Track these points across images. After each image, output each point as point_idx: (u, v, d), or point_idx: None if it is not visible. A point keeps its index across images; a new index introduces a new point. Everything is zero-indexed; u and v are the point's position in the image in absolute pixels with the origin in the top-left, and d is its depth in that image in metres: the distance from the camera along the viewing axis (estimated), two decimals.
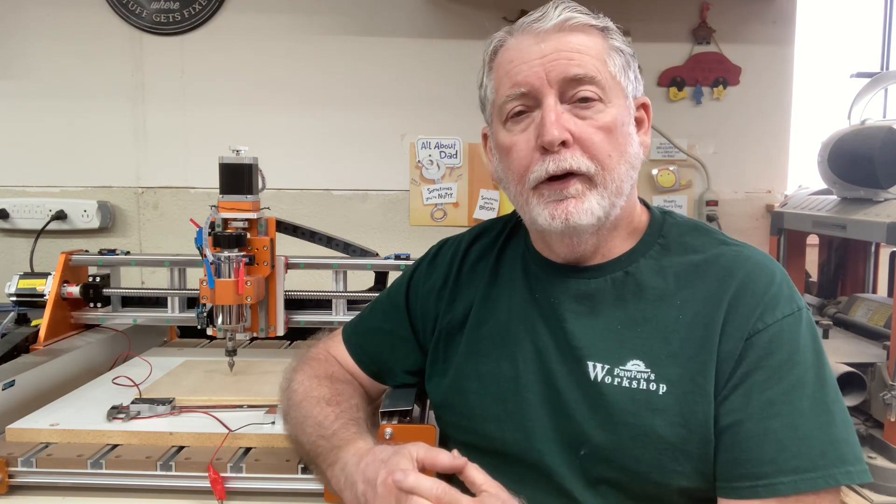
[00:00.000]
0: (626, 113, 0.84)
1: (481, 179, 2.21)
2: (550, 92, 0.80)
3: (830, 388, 0.76)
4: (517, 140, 0.83)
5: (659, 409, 0.77)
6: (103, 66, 2.14)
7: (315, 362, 1.03)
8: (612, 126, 0.81)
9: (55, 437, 1.06)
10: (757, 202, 2.26)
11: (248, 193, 1.28)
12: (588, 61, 0.80)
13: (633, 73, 0.85)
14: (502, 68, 0.85)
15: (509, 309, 0.91)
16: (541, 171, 0.80)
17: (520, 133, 0.83)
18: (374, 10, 2.15)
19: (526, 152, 0.82)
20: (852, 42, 2.40)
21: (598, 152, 0.80)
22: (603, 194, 0.81)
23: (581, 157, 0.80)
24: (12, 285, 1.49)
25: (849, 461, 0.73)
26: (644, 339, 0.81)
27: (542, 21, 0.82)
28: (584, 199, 0.80)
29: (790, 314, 0.77)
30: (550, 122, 0.79)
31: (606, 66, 0.82)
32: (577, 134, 0.80)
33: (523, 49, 0.82)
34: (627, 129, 0.83)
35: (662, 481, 0.77)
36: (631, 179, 0.84)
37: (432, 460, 0.74)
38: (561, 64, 0.80)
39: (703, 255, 0.84)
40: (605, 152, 0.80)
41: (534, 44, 0.82)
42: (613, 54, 0.83)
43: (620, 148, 0.82)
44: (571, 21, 0.82)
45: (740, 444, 0.74)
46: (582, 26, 0.82)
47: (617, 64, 0.83)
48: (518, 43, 0.83)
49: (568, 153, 0.79)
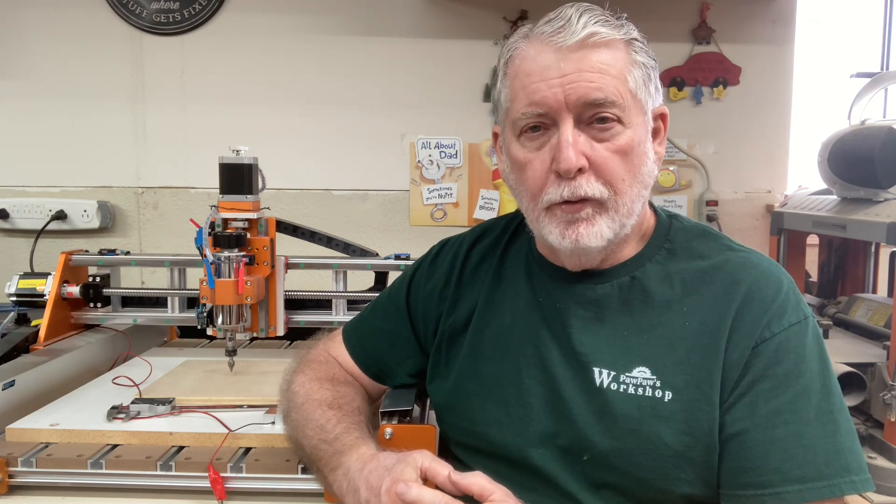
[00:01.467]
0: (644, 130, 0.82)
1: (481, 179, 2.21)
2: (568, 117, 0.77)
3: (836, 397, 0.76)
4: (532, 158, 0.81)
5: (664, 416, 0.77)
6: (103, 66, 2.14)
7: (316, 364, 1.03)
8: (629, 148, 0.79)
9: (55, 437, 1.06)
10: (757, 202, 2.26)
11: (248, 193, 1.28)
12: (609, 83, 0.77)
13: (653, 86, 0.83)
14: (518, 80, 0.81)
15: (513, 312, 0.91)
16: (555, 195, 0.79)
17: (534, 151, 0.81)
18: (374, 10, 2.15)
19: (541, 173, 0.80)
20: (852, 42, 2.40)
21: (612, 177, 0.79)
22: (614, 217, 0.80)
23: (595, 182, 0.78)
24: (12, 285, 1.49)
25: (853, 471, 0.73)
26: (650, 345, 0.80)
27: (563, 34, 0.77)
28: (595, 223, 0.80)
29: (797, 323, 0.77)
30: (567, 149, 0.77)
31: (627, 84, 0.79)
32: (593, 158, 0.78)
33: (542, 65, 0.78)
34: (643, 149, 0.81)
35: (666, 488, 0.77)
36: (643, 198, 0.83)
37: (434, 474, 0.73)
38: (581, 87, 0.76)
39: (710, 261, 0.83)
40: (619, 177, 0.79)
41: (554, 61, 0.77)
42: (635, 70, 0.80)
43: (634, 170, 0.80)
44: (595, 38, 0.77)
45: (746, 453, 0.74)
46: (606, 42, 0.78)
47: (638, 79, 0.80)
48: (537, 55, 0.79)
49: (583, 179, 0.78)
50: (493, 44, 2.17)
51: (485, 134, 2.18)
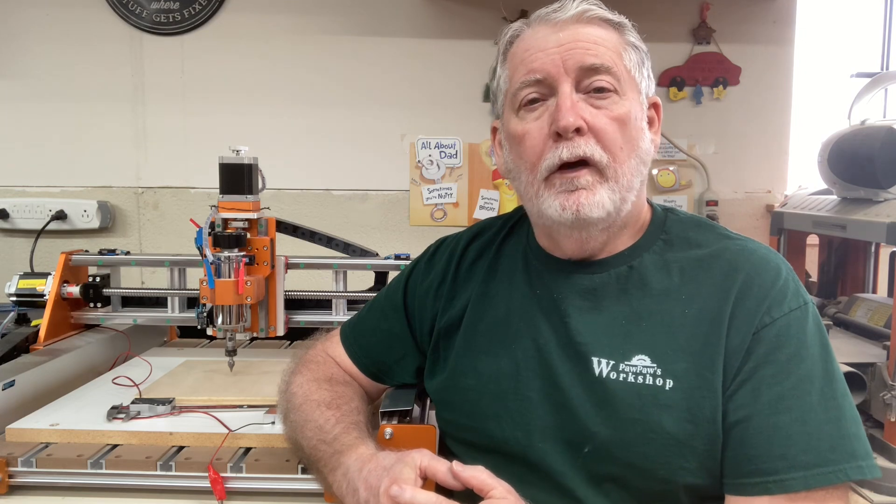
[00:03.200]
0: (640, 108, 0.84)
1: (481, 179, 2.21)
2: (567, 79, 0.80)
3: (838, 382, 0.76)
4: (530, 128, 0.82)
5: (666, 404, 0.76)
6: (103, 65, 2.14)
7: (314, 364, 1.03)
8: (626, 118, 0.81)
9: (55, 437, 1.06)
10: (757, 202, 2.26)
11: (248, 193, 1.28)
12: (605, 52, 0.81)
13: (646, 71, 0.86)
14: (517, 57, 0.85)
15: (508, 305, 0.90)
16: (553, 158, 0.79)
17: (533, 121, 0.82)
18: (374, 10, 2.15)
19: (539, 139, 0.81)
20: (852, 42, 2.40)
21: (610, 143, 0.80)
22: (614, 188, 0.80)
23: (595, 145, 0.79)
24: (12, 285, 1.49)
25: (859, 456, 0.72)
26: (649, 333, 0.80)
27: (560, 12, 0.83)
28: (595, 191, 0.80)
29: (797, 308, 0.77)
30: (567, 107, 0.78)
31: (622, 59, 0.82)
32: (592, 123, 0.79)
33: (540, 38, 0.83)
34: (640, 125, 0.83)
35: (669, 478, 0.76)
36: (641, 175, 0.84)
37: (433, 472, 0.73)
38: (578, 52, 0.80)
39: (707, 249, 0.84)
40: (617, 144, 0.80)
41: (551, 33, 0.82)
42: (629, 49, 0.84)
43: (633, 142, 0.82)
44: (589, 13, 0.82)
45: (749, 440, 0.74)
46: (599, 20, 0.83)
47: (633, 59, 0.83)
48: (535, 33, 0.84)
49: (581, 140, 0.79)
50: (493, 44, 2.17)
51: (485, 134, 2.18)
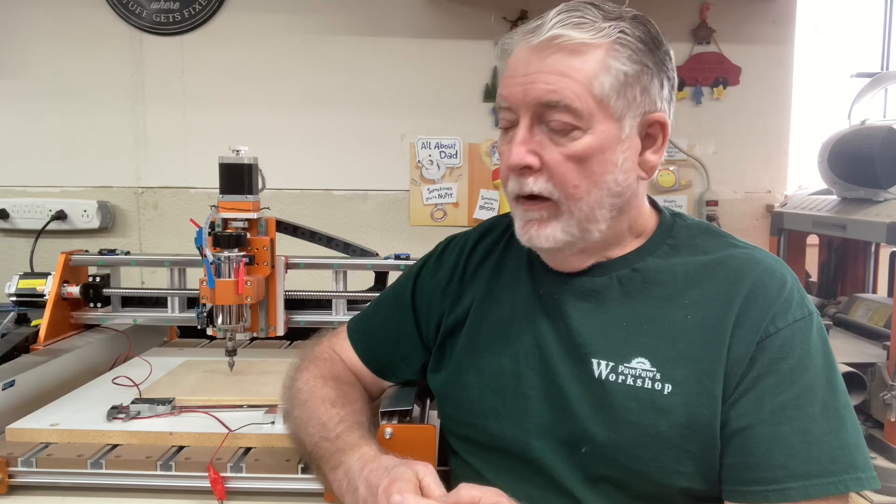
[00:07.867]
0: (613, 138, 0.78)
1: (481, 179, 2.21)
2: (526, 114, 0.79)
3: (841, 393, 0.76)
4: (503, 151, 0.84)
5: (664, 409, 0.77)
6: (103, 66, 2.14)
7: (321, 361, 1.03)
8: (586, 155, 0.78)
9: (55, 437, 1.05)
10: (757, 202, 2.26)
11: (248, 193, 1.28)
12: (567, 87, 0.76)
13: (638, 90, 0.79)
14: (503, 75, 0.84)
15: (512, 304, 0.91)
16: (512, 188, 0.83)
17: (505, 144, 0.83)
18: (374, 10, 2.15)
19: (504, 166, 0.83)
20: (852, 42, 2.40)
21: (562, 182, 0.79)
22: (569, 222, 0.80)
23: (545, 182, 0.79)
24: (12, 285, 1.49)
25: (859, 467, 0.73)
26: (650, 337, 0.80)
27: (535, 33, 0.78)
28: (547, 225, 0.81)
29: (801, 318, 0.77)
30: (517, 145, 0.79)
31: (591, 90, 0.76)
32: (546, 160, 0.79)
33: (517, 60, 0.81)
34: (608, 156, 0.78)
35: (664, 482, 0.77)
36: (608, 205, 0.81)
37: (429, 491, 0.71)
38: (538, 88, 0.77)
39: (713, 256, 0.83)
40: (570, 183, 0.79)
41: (522, 60, 0.80)
42: (606, 76, 0.76)
43: (594, 177, 0.78)
44: (559, 40, 0.76)
45: (750, 449, 0.74)
46: (572, 46, 0.76)
47: (607, 85, 0.76)
48: (516, 53, 0.82)
49: (531, 178, 0.80)
50: (494, 44, 2.14)
51: (485, 134, 2.18)
